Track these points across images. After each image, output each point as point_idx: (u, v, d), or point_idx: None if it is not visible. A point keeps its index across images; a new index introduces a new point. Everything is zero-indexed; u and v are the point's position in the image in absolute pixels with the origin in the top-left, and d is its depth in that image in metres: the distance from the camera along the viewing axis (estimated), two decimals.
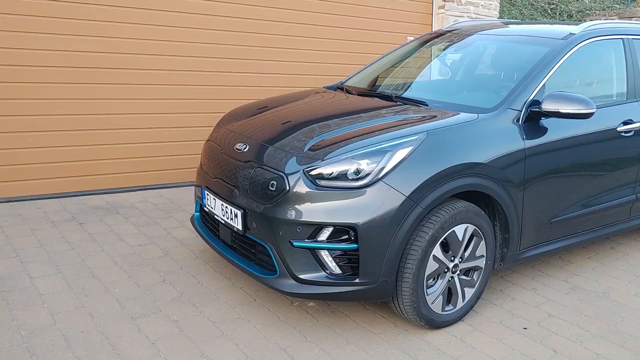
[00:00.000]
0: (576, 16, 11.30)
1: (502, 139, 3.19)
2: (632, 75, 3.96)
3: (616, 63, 3.96)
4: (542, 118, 3.34)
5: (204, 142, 3.81)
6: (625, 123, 3.78)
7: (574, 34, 3.70)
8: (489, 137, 3.16)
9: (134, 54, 5.25)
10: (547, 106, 3.24)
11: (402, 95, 3.86)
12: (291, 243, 2.84)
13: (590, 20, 9.58)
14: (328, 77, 6.00)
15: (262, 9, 5.91)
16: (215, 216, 3.36)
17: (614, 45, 3.96)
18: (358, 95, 4.02)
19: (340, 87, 4.31)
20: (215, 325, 3.06)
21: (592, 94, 3.86)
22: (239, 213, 3.07)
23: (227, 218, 3.21)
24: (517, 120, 3.26)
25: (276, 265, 2.94)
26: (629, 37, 4.03)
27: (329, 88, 4.37)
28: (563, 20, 11.16)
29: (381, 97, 3.84)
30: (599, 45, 3.85)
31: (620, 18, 10.58)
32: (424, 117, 3.26)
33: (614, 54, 3.96)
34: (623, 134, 3.77)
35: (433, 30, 6.42)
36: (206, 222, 3.64)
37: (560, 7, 11.42)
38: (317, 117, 3.56)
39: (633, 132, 3.81)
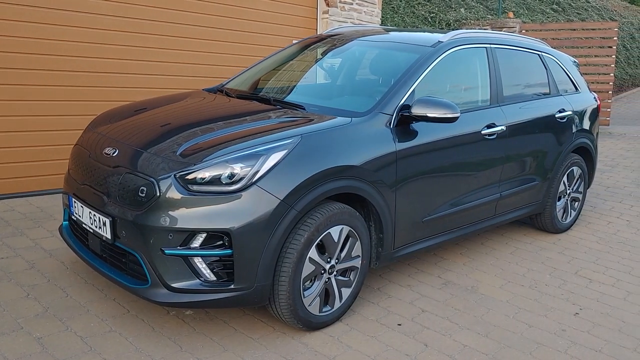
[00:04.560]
0: (454, 24, 11.97)
1: (375, 142, 3.28)
2: (494, 82, 4.23)
3: (480, 70, 4.21)
4: (413, 122, 3.48)
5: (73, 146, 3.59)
6: (488, 127, 4.03)
7: (442, 41, 3.90)
8: (362, 140, 3.24)
9: None
10: (416, 110, 3.37)
11: (281, 99, 3.86)
12: (163, 251, 2.75)
13: (466, 28, 10.19)
14: (211, 79, 5.90)
15: (141, 8, 5.69)
16: (84, 225, 3.18)
17: (478, 53, 4.21)
18: (237, 98, 3.97)
19: (220, 90, 4.25)
20: (83, 341, 2.89)
21: (458, 99, 4.08)
22: (108, 221, 2.92)
23: (96, 226, 3.04)
24: (389, 124, 3.37)
25: (147, 275, 2.82)
26: (492, 45, 4.32)
27: (209, 90, 4.29)
28: (442, 28, 11.78)
29: (260, 101, 3.82)
30: (464, 53, 4.08)
31: (492, 28, 11.34)
32: (300, 120, 3.28)
33: (478, 61, 4.21)
34: (487, 137, 4.01)
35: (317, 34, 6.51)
36: (75, 232, 3.43)
37: (439, 16, 12.05)
38: (193, 121, 3.47)
39: (496, 135, 4.07)
